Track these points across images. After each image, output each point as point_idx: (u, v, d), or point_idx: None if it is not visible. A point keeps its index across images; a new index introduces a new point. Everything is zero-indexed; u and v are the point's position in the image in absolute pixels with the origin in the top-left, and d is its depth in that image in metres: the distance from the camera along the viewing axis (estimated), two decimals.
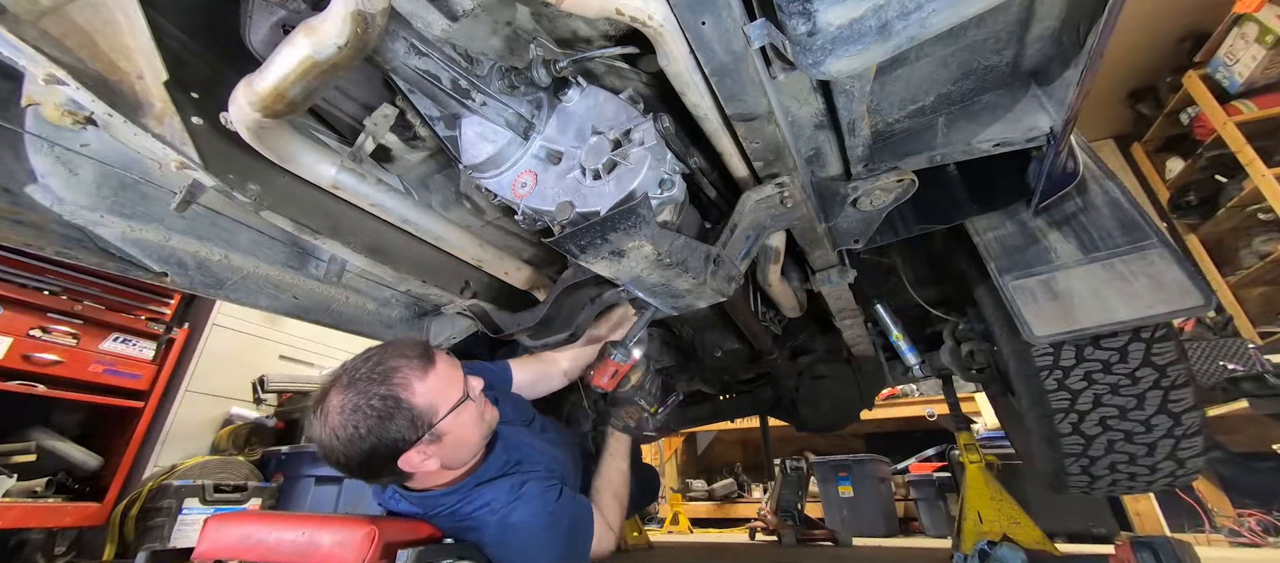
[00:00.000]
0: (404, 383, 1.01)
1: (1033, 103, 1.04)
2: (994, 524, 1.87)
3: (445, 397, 1.06)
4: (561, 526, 1.15)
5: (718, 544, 3.48)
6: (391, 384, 1.00)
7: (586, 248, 0.87)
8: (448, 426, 1.06)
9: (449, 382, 1.08)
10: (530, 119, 1.00)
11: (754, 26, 0.72)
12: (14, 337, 2.17)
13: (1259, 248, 3.37)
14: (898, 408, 4.02)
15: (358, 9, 0.64)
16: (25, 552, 2.29)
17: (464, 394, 1.10)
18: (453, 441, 1.08)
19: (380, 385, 0.99)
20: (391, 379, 1.00)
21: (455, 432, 1.08)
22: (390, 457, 1.01)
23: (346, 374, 1.02)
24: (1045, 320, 1.19)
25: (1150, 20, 3.50)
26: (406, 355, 1.05)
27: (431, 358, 1.07)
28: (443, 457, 1.08)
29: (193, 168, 0.87)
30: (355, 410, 0.97)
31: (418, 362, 1.05)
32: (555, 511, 1.15)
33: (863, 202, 1.15)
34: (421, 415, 1.01)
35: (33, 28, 0.72)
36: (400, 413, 0.99)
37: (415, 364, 1.04)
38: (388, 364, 1.02)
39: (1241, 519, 2.79)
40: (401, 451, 1.01)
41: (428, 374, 1.04)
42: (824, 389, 2.17)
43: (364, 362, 1.03)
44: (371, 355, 1.05)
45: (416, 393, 1.01)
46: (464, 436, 1.11)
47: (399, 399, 0.99)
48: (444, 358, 1.11)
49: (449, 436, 1.06)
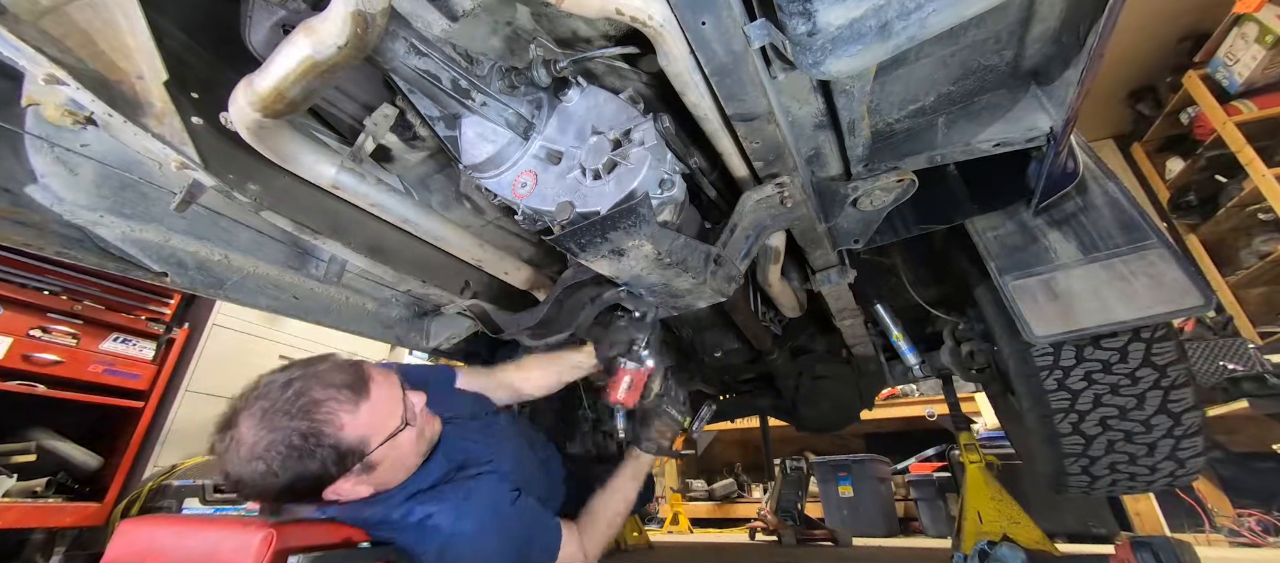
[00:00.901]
0: (329, 418, 0.90)
1: (1033, 103, 1.04)
2: (994, 524, 1.87)
3: (380, 427, 0.96)
4: (514, 531, 1.07)
5: (718, 544, 3.48)
6: (314, 420, 0.89)
7: (587, 246, 0.87)
8: (382, 454, 0.96)
9: (386, 411, 0.98)
10: (530, 119, 1.00)
11: (754, 26, 0.72)
12: (14, 337, 2.17)
13: (1259, 248, 3.37)
14: (898, 408, 4.02)
15: (358, 9, 0.64)
16: (25, 552, 2.29)
17: (403, 422, 1.00)
18: (389, 466, 0.99)
19: (300, 420, 0.88)
20: (314, 415, 0.89)
21: (391, 457, 0.99)
22: (312, 491, 0.92)
23: (261, 401, 0.90)
24: (1045, 320, 1.19)
25: (1150, 20, 3.50)
26: (333, 386, 0.92)
27: (364, 388, 0.95)
28: (376, 482, 0.99)
29: (193, 168, 0.87)
30: (269, 448, 0.86)
31: (347, 394, 0.93)
32: (508, 514, 1.07)
33: (863, 202, 1.15)
34: (351, 450, 0.92)
35: (33, 28, 0.72)
36: (323, 450, 0.89)
37: (344, 397, 0.92)
38: (310, 397, 0.90)
39: (1241, 519, 2.78)
40: (326, 484, 0.92)
41: (359, 407, 0.93)
42: (824, 389, 2.17)
43: (283, 388, 0.90)
44: (293, 381, 0.91)
45: (344, 427, 0.91)
46: (401, 459, 1.02)
47: (322, 435, 0.89)
48: (379, 382, 0.99)
49: (385, 462, 0.98)
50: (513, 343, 1.79)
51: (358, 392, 0.94)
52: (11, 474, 2.11)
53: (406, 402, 1.03)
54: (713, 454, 5.29)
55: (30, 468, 2.20)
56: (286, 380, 0.92)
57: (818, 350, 2.19)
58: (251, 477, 0.88)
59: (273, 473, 0.87)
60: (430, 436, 1.11)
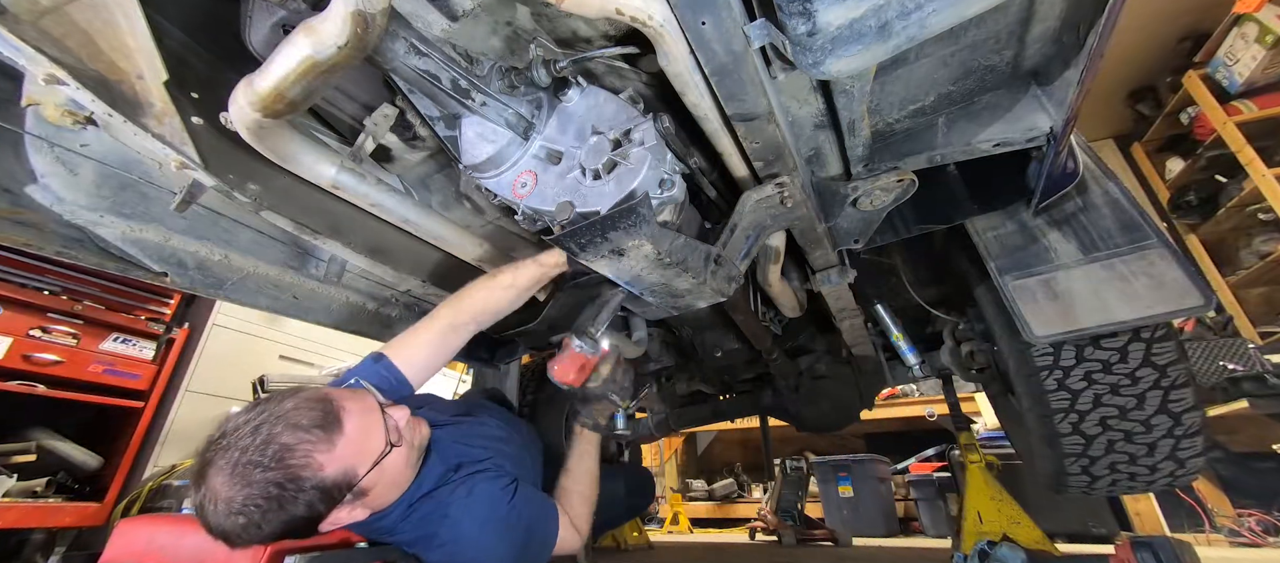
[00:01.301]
0: (305, 463, 0.85)
1: (1033, 103, 1.04)
2: (994, 524, 1.87)
3: (364, 456, 0.92)
4: (516, 526, 1.08)
5: (718, 544, 3.48)
6: (288, 467, 0.84)
7: (586, 246, 0.87)
8: (373, 479, 0.94)
9: (365, 437, 0.93)
10: (530, 119, 1.00)
11: (754, 26, 0.72)
12: (14, 337, 2.17)
13: (1259, 248, 3.37)
14: (898, 408, 4.02)
15: (358, 9, 0.64)
16: (25, 552, 2.29)
17: (387, 445, 0.96)
18: (382, 488, 0.97)
19: (275, 471, 0.83)
20: (288, 461, 0.84)
21: (383, 480, 0.97)
22: (305, 528, 0.89)
23: (227, 450, 0.84)
24: (1045, 320, 1.19)
25: (1150, 20, 3.50)
26: (302, 428, 0.87)
27: (336, 424, 0.90)
28: (372, 504, 0.97)
29: (193, 168, 0.87)
30: (247, 503, 0.82)
31: (318, 433, 0.87)
32: (507, 512, 1.08)
33: (863, 202, 1.15)
34: (337, 485, 0.89)
35: (33, 28, 0.72)
36: (305, 494, 0.85)
37: (316, 437, 0.87)
38: (282, 444, 0.84)
39: (1241, 519, 2.78)
40: (319, 520, 0.89)
41: (334, 443, 0.88)
42: (824, 389, 2.16)
43: (251, 435, 0.84)
44: (260, 427, 0.85)
45: (325, 468, 0.87)
46: (394, 478, 1.00)
47: (301, 481, 0.84)
48: (352, 411, 0.94)
49: (377, 486, 0.95)
50: (513, 343, 1.78)
51: (330, 428, 0.89)
52: (11, 474, 2.11)
53: (387, 422, 0.99)
54: (713, 454, 5.29)
55: (30, 468, 2.20)
56: (254, 427, 0.86)
57: (818, 350, 2.19)
58: (237, 531, 0.83)
59: (256, 525, 0.83)
60: (419, 444, 1.08)
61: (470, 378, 3.56)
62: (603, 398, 1.43)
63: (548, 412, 2.57)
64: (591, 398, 1.43)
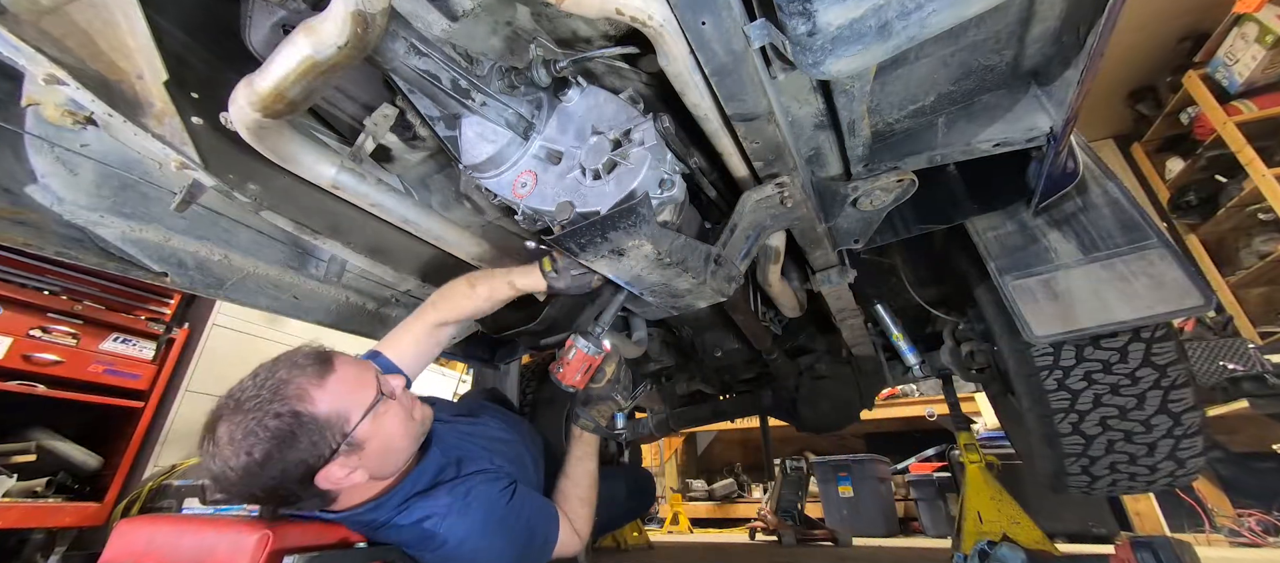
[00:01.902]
0: (300, 394, 0.90)
1: (1033, 103, 1.04)
2: (994, 524, 1.87)
3: (355, 400, 0.95)
4: (515, 528, 1.08)
5: (718, 544, 3.48)
6: (284, 400, 0.88)
7: (587, 246, 0.87)
8: (367, 430, 0.95)
9: (356, 384, 0.97)
10: (530, 119, 1.00)
11: (754, 26, 0.72)
12: (14, 337, 2.17)
13: (1259, 248, 3.37)
14: (898, 408, 4.02)
15: (358, 9, 0.64)
16: (25, 552, 2.29)
17: (378, 393, 0.99)
18: (378, 446, 0.97)
19: (271, 403, 0.87)
20: (283, 393, 0.89)
21: (379, 436, 0.97)
22: (304, 478, 0.90)
23: (232, 398, 0.91)
24: (1045, 320, 1.19)
25: (1150, 20, 3.50)
26: (297, 365, 0.93)
27: (329, 362, 0.96)
28: (370, 466, 0.97)
29: (193, 168, 0.87)
30: (248, 436, 0.86)
31: (312, 369, 0.93)
32: (506, 514, 1.08)
33: (863, 202, 1.15)
34: (331, 425, 0.91)
35: (33, 28, 0.72)
36: (302, 429, 0.88)
37: (309, 373, 0.92)
38: (277, 377, 0.91)
39: (1241, 519, 2.78)
40: (317, 468, 0.90)
41: (326, 380, 0.93)
42: (824, 389, 2.16)
43: (251, 380, 0.92)
44: (258, 372, 0.93)
45: (317, 402, 0.90)
46: (390, 440, 1.00)
47: (299, 413, 0.88)
48: (347, 360, 1.00)
49: (372, 441, 0.96)
50: (513, 342, 1.79)
51: (323, 366, 0.94)
52: (11, 474, 2.11)
53: (381, 379, 1.02)
54: (713, 454, 5.29)
55: (30, 468, 2.20)
56: (254, 373, 0.93)
57: (818, 350, 2.19)
58: (237, 471, 0.86)
59: (256, 463, 0.85)
60: (421, 418, 1.08)
61: (470, 378, 3.56)
62: (606, 399, 1.43)
63: (548, 412, 2.57)
64: (593, 399, 1.43)
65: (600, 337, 1.23)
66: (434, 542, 1.02)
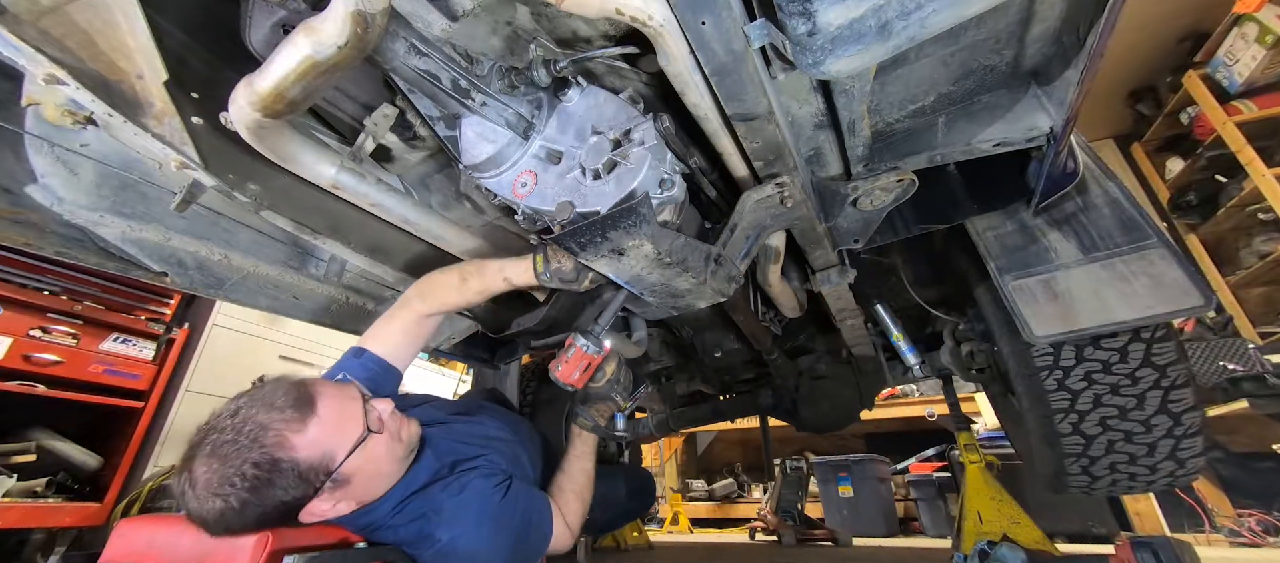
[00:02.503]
0: (278, 442, 0.86)
1: (1033, 103, 1.04)
2: (994, 524, 1.87)
3: (340, 439, 0.92)
4: (511, 522, 1.08)
5: (718, 544, 3.48)
6: (262, 447, 0.85)
7: (587, 246, 0.87)
8: (353, 465, 0.93)
9: (340, 422, 0.93)
10: (530, 119, 1.00)
11: (754, 26, 0.72)
12: (14, 337, 2.17)
13: (1259, 248, 3.37)
14: (898, 408, 4.02)
15: (358, 9, 0.64)
16: (25, 552, 2.29)
17: (365, 429, 0.95)
18: (364, 478, 0.96)
19: (249, 451, 0.84)
20: (261, 441, 0.85)
21: (366, 469, 0.96)
22: (286, 515, 0.89)
23: (208, 436, 0.87)
24: (1045, 320, 1.19)
25: (1150, 20, 3.50)
26: (276, 407, 0.88)
27: (310, 404, 0.91)
28: (356, 496, 0.96)
29: (193, 168, 0.87)
30: (223, 483, 0.82)
31: (291, 412, 0.88)
32: (500, 508, 1.08)
33: (863, 202, 1.15)
34: (314, 468, 0.89)
35: (33, 28, 0.72)
36: (281, 476, 0.85)
37: (289, 416, 0.88)
38: (254, 422, 0.86)
39: (1241, 519, 2.78)
40: (297, 508, 0.89)
41: (307, 424, 0.89)
42: (824, 389, 2.16)
43: (229, 419, 0.87)
44: (237, 409, 0.88)
45: (297, 448, 0.87)
46: (377, 468, 0.99)
47: (278, 461, 0.85)
48: (329, 396, 0.95)
49: (359, 475, 0.94)
50: (513, 342, 1.79)
51: (303, 409, 0.90)
52: (11, 474, 2.11)
53: (367, 410, 0.99)
54: (713, 454, 5.30)
55: (30, 468, 2.20)
56: (233, 410, 0.89)
57: (818, 350, 2.19)
58: (214, 514, 0.84)
59: (233, 510, 0.83)
60: (408, 438, 1.07)
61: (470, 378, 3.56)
62: (606, 398, 1.44)
63: (548, 411, 2.57)
64: (593, 398, 1.44)
65: (600, 336, 1.23)
66: (431, 540, 1.01)
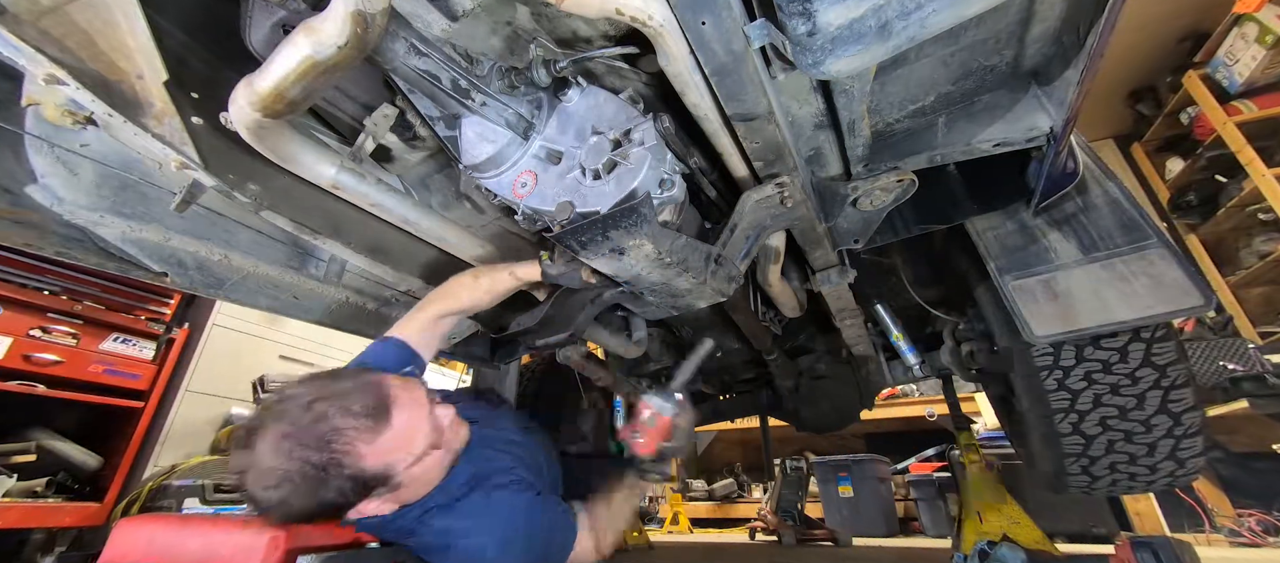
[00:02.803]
0: (347, 449, 0.87)
1: (1033, 103, 1.04)
2: (994, 524, 1.87)
3: (405, 452, 0.94)
4: (535, 539, 1.08)
5: (718, 544, 3.48)
6: (332, 452, 0.86)
7: (587, 246, 0.87)
8: (410, 475, 0.95)
9: (409, 434, 0.95)
10: (530, 119, 1.00)
11: (754, 26, 0.72)
12: (14, 337, 2.17)
13: (1259, 248, 3.37)
14: (898, 408, 4.02)
15: (358, 9, 0.64)
16: (25, 552, 2.29)
17: (429, 445, 0.97)
18: (415, 484, 0.99)
19: (318, 452, 0.85)
20: (333, 445, 0.86)
21: (421, 477, 0.98)
22: (333, 515, 0.91)
23: (281, 422, 0.86)
24: (1045, 320, 1.19)
25: (1150, 20, 3.50)
26: (353, 413, 0.88)
27: (385, 415, 0.91)
28: (403, 498, 0.99)
29: (193, 168, 0.87)
30: (285, 478, 0.84)
31: (366, 422, 0.89)
32: (527, 524, 1.08)
33: (863, 202, 1.15)
34: (373, 477, 0.90)
35: (33, 28, 0.72)
36: (343, 479, 0.87)
37: (363, 426, 0.88)
38: (331, 425, 0.86)
39: (1241, 519, 2.78)
40: (347, 509, 0.91)
41: (379, 436, 0.90)
42: (824, 389, 2.17)
43: (304, 410, 0.87)
44: (314, 402, 0.88)
45: (364, 457, 0.88)
46: (426, 476, 1.01)
47: (342, 466, 0.86)
48: (403, 405, 0.95)
49: (412, 482, 0.97)
50: (513, 343, 1.79)
51: (379, 419, 0.90)
52: (11, 474, 2.11)
53: (434, 420, 1.00)
54: (713, 454, 5.29)
55: (30, 468, 2.20)
56: (309, 401, 0.88)
57: (818, 350, 2.19)
58: (270, 504, 0.85)
59: (288, 503, 0.85)
60: (457, 446, 1.08)
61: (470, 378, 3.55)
62: (679, 451, 1.37)
63: (547, 410, 2.57)
64: (665, 455, 1.36)
65: (674, 393, 1.21)
66: (452, 553, 1.02)
